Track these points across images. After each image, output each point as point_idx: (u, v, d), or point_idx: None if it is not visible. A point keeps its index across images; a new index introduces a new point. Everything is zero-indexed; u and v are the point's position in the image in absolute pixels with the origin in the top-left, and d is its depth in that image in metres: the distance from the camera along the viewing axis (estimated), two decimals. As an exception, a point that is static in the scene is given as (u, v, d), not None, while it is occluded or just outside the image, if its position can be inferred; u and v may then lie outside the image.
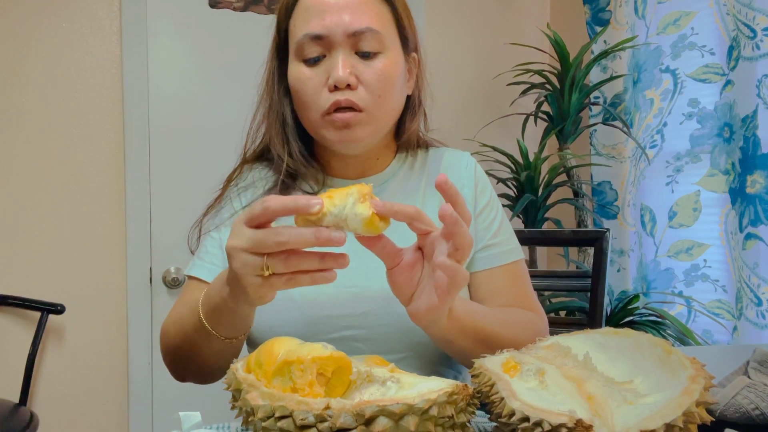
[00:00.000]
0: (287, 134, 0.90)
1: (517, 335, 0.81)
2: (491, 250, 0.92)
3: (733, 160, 1.88)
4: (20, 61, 2.00)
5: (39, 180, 2.02)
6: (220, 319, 0.72)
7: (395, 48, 0.87)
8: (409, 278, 0.65)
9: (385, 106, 0.85)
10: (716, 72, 1.96)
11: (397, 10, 0.88)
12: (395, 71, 0.85)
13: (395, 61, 0.86)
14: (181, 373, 0.86)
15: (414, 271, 0.65)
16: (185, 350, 0.81)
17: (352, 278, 0.85)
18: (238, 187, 0.95)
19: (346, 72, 0.81)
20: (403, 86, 0.89)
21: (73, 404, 2.06)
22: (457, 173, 0.96)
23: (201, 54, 2.16)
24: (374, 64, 0.83)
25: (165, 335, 0.85)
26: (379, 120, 0.85)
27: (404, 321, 0.83)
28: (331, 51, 0.83)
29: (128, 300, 2.10)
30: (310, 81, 0.83)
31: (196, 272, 0.89)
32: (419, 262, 0.66)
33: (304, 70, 0.84)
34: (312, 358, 0.54)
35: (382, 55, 0.84)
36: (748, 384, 0.60)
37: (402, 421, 0.48)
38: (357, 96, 0.82)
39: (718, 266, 1.96)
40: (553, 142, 2.37)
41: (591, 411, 0.51)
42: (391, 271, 0.66)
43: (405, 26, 0.89)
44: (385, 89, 0.84)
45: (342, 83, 0.81)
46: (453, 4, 2.54)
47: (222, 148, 2.15)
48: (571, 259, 2.23)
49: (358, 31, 0.82)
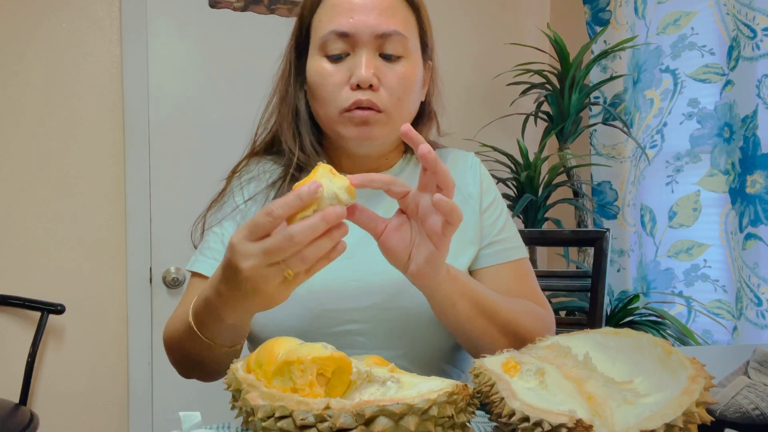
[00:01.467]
0: (299, 128, 0.91)
1: (520, 317, 0.81)
2: (496, 246, 0.92)
3: (733, 160, 1.88)
4: (20, 61, 2.00)
5: (39, 180, 2.02)
6: (214, 331, 0.73)
7: (417, 54, 0.88)
8: (400, 241, 0.68)
9: (403, 109, 0.86)
10: (716, 72, 1.96)
11: (421, 17, 0.90)
12: (415, 77, 0.87)
13: (416, 66, 0.87)
14: (185, 371, 0.87)
15: (402, 233, 0.68)
16: (187, 351, 0.81)
17: (355, 272, 0.86)
18: (242, 179, 0.95)
19: (370, 73, 0.82)
20: (419, 92, 0.90)
21: (73, 404, 2.06)
22: (461, 172, 0.97)
23: (201, 54, 2.16)
24: (397, 68, 0.85)
25: (168, 335, 0.86)
26: (395, 122, 0.86)
27: (407, 316, 0.84)
28: (355, 50, 0.84)
29: (128, 300, 2.10)
30: (332, 77, 0.84)
31: (198, 267, 0.90)
32: (405, 223, 0.68)
33: (325, 65, 0.85)
34: (312, 359, 0.54)
35: (405, 59, 0.85)
36: (748, 384, 0.60)
37: (402, 421, 0.48)
38: (378, 97, 0.83)
39: (718, 266, 1.96)
40: (553, 142, 2.37)
41: (591, 411, 0.51)
42: (380, 239, 0.68)
43: (427, 33, 0.91)
44: (405, 93, 0.85)
45: (365, 83, 0.82)
46: (453, 4, 2.54)
47: (222, 147, 2.15)
48: (571, 259, 2.23)
49: (385, 33, 0.83)
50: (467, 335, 0.79)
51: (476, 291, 0.77)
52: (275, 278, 0.60)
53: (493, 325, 0.79)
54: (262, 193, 0.91)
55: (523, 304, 0.86)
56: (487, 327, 0.78)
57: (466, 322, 0.77)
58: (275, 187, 0.91)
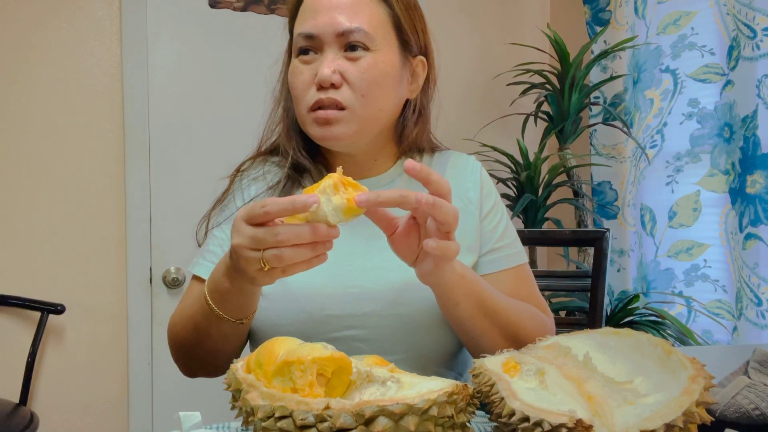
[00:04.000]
0: (291, 130, 0.93)
1: (522, 321, 0.82)
2: (497, 253, 0.92)
3: (733, 160, 1.88)
4: (20, 62, 2.00)
5: (39, 180, 2.02)
6: (227, 300, 0.75)
7: (388, 49, 0.86)
8: (407, 244, 0.71)
9: (369, 105, 0.85)
10: (716, 72, 1.96)
11: (395, 11, 0.88)
12: (383, 71, 0.85)
13: (385, 61, 0.85)
14: (191, 366, 0.88)
15: (411, 238, 0.70)
16: (193, 339, 0.82)
17: (355, 279, 0.86)
18: (243, 183, 0.96)
19: (330, 71, 0.82)
20: (394, 88, 0.88)
21: (73, 404, 2.06)
22: (462, 177, 0.96)
23: (201, 54, 2.16)
24: (360, 63, 0.84)
25: (172, 329, 0.87)
26: (362, 119, 0.85)
27: (406, 322, 0.84)
28: (322, 50, 0.85)
29: (128, 300, 2.09)
30: (300, 77, 0.85)
31: (197, 271, 0.91)
32: (414, 228, 0.70)
33: (297, 65, 0.86)
34: (312, 359, 0.54)
35: (369, 54, 0.84)
36: (748, 384, 0.60)
37: (402, 421, 0.48)
38: (340, 95, 0.83)
39: (718, 266, 1.96)
40: (553, 142, 2.37)
41: (591, 411, 0.51)
42: (391, 238, 0.71)
43: (404, 28, 0.89)
44: (369, 88, 0.84)
45: (325, 82, 0.82)
46: (453, 4, 2.54)
47: (222, 147, 2.15)
48: (571, 259, 2.23)
49: (346, 31, 0.83)
50: (468, 334, 0.81)
51: (482, 292, 0.78)
52: (254, 264, 0.64)
53: (494, 327, 0.79)
54: (261, 196, 0.91)
55: (527, 309, 0.86)
56: (488, 328, 0.79)
57: (468, 321, 0.78)
58: (276, 189, 0.91)
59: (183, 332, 0.85)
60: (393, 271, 0.84)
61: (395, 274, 0.85)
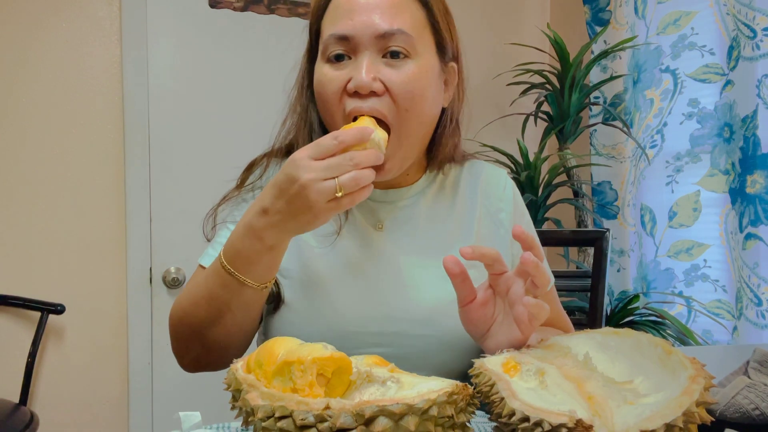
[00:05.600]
0: (312, 138, 0.86)
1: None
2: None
3: (733, 160, 1.88)
4: (20, 62, 2.00)
5: (39, 180, 2.02)
6: (254, 261, 0.73)
7: (428, 54, 0.81)
8: (483, 315, 0.69)
9: (411, 121, 0.78)
10: (716, 72, 1.96)
11: (433, 13, 0.83)
12: (426, 79, 0.79)
13: (427, 68, 0.79)
14: (197, 354, 0.82)
15: (487, 309, 0.69)
16: (206, 318, 0.77)
17: (384, 296, 0.84)
18: (255, 184, 0.90)
19: (370, 77, 0.75)
20: (435, 98, 0.82)
21: (73, 404, 2.06)
22: (495, 194, 0.94)
23: (201, 54, 2.16)
24: (403, 69, 0.77)
25: (179, 313, 0.82)
26: (404, 138, 0.79)
27: (436, 342, 0.84)
28: (357, 54, 0.78)
29: (128, 300, 2.10)
30: (332, 84, 0.78)
31: (208, 262, 0.85)
32: (491, 299, 0.70)
33: (326, 71, 0.79)
34: (312, 359, 0.54)
35: (412, 60, 0.78)
36: (748, 384, 0.60)
37: (402, 421, 0.48)
38: (382, 104, 0.76)
39: (718, 266, 1.96)
40: (553, 142, 2.37)
41: (591, 411, 0.51)
42: (466, 308, 0.70)
43: (442, 32, 0.84)
44: (414, 101, 0.77)
45: (364, 89, 0.75)
46: (453, 4, 2.52)
47: (222, 147, 2.16)
48: (571, 259, 2.23)
49: (387, 33, 0.76)
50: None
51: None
52: (328, 194, 0.66)
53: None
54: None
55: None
56: None
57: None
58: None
59: (195, 312, 0.78)
60: (424, 290, 0.84)
61: (427, 294, 0.84)
